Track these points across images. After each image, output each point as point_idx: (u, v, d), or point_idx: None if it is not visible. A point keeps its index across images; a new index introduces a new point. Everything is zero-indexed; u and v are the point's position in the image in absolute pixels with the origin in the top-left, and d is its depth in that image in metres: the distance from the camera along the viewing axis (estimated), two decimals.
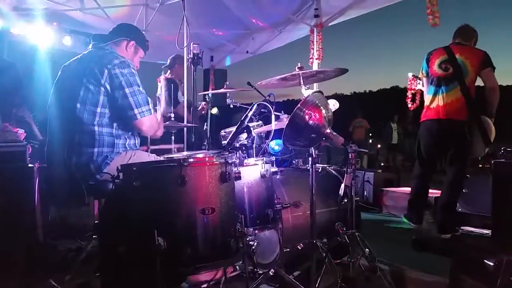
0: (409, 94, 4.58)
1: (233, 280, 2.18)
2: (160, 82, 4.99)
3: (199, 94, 4.85)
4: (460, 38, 3.91)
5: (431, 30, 4.51)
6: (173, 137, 4.09)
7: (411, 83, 4.32)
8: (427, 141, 3.85)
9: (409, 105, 4.69)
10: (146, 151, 3.62)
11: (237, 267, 2.14)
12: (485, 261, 1.91)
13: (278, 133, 2.70)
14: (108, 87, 2.38)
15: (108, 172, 2.30)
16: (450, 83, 3.73)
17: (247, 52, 7.63)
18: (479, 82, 3.75)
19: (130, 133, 2.53)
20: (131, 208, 1.93)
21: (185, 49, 5.21)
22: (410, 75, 4.29)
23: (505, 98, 4.16)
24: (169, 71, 5.16)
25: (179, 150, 4.40)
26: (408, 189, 5.14)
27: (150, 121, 2.47)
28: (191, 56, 4.67)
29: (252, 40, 7.37)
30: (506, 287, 1.81)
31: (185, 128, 5.04)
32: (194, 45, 4.71)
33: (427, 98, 3.89)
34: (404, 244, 3.36)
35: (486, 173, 3.71)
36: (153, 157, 2.56)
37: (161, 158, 2.50)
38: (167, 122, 3.79)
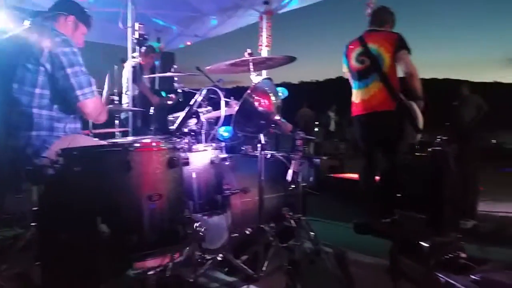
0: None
1: (181, 267, 2.16)
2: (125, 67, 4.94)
3: (145, 77, 4.69)
4: (374, 24, 3.72)
5: None
6: (117, 121, 3.94)
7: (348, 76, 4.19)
8: (359, 136, 3.80)
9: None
10: (88, 135, 3.46)
11: (185, 253, 2.13)
12: (421, 242, 2.04)
13: (227, 119, 2.69)
14: (48, 67, 2.22)
15: (47, 157, 2.17)
16: (369, 76, 3.58)
17: (196, 35, 7.48)
18: None
19: (71, 116, 2.39)
20: (72, 195, 1.84)
21: (129, 29, 5.01)
22: (344, 71, 4.09)
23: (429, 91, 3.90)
24: (137, 57, 5.00)
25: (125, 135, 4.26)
26: (351, 175, 5.38)
27: (93, 104, 2.34)
28: (136, 37, 4.50)
29: (201, 23, 7.23)
30: (439, 265, 1.95)
31: (130, 113, 4.88)
32: (139, 25, 4.54)
33: (353, 93, 3.80)
34: (347, 228, 3.50)
35: (423, 161, 3.79)
36: (96, 142, 2.45)
37: (105, 142, 2.40)
38: (111, 106, 3.64)
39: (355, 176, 5.26)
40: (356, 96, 3.74)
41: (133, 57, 4.93)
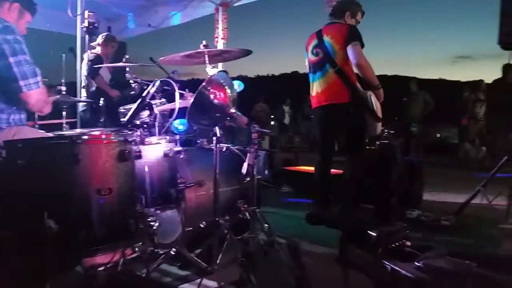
0: None
1: (132, 262, 2.12)
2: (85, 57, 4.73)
3: (94, 66, 4.52)
4: (333, 16, 3.70)
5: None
6: (64, 112, 3.76)
7: None
8: (318, 129, 3.73)
9: None
10: (34, 126, 3.29)
11: (137, 248, 2.09)
12: (369, 232, 2.12)
13: (182, 112, 2.64)
14: None
15: None
16: (323, 67, 3.55)
17: (149, 25, 7.28)
18: None
19: (15, 107, 2.26)
20: (16, 189, 1.75)
21: (78, 17, 4.80)
22: None
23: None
24: (98, 47, 4.84)
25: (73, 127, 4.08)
26: (305, 168, 5.49)
27: (37, 95, 2.22)
28: (86, 25, 4.32)
29: (154, 12, 7.04)
30: (386, 253, 2.04)
31: (79, 104, 4.69)
32: (89, 13, 4.36)
33: (310, 87, 3.76)
34: (300, 219, 3.58)
35: (371, 154, 3.87)
36: (42, 133, 2.33)
37: (51, 134, 2.29)
38: (58, 96, 3.47)
39: (309, 169, 5.39)
40: (312, 88, 3.72)
41: (92, 47, 4.76)
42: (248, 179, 2.70)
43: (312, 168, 5.28)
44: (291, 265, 2.42)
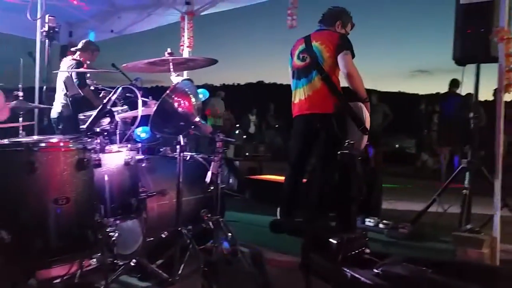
0: None
1: (91, 273, 2.05)
2: (64, 62, 4.72)
3: (54, 72, 4.39)
4: (322, 24, 3.60)
5: (294, 31, 4.31)
6: (21, 118, 3.61)
7: None
8: (295, 138, 3.61)
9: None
10: None
11: (95, 259, 2.03)
12: (330, 240, 2.17)
13: (145, 120, 2.61)
14: None
15: None
16: (309, 74, 3.41)
17: (112, 31, 7.14)
18: None
19: None
20: None
21: (38, 21, 4.65)
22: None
23: None
24: (79, 53, 4.77)
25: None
26: (269, 177, 5.52)
27: None
28: (46, 30, 4.19)
29: (118, 19, 6.92)
30: (346, 261, 2.08)
31: (36, 110, 4.53)
32: (50, 17, 4.24)
33: (293, 94, 3.60)
34: (264, 227, 3.59)
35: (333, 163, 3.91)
36: None
37: (5, 141, 2.19)
38: (14, 102, 3.34)
39: (273, 177, 5.44)
40: (295, 95, 3.56)
41: (72, 53, 4.72)
42: (212, 188, 2.70)
43: (276, 177, 5.35)
44: (254, 274, 2.42)
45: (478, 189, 3.35)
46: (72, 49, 4.78)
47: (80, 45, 4.83)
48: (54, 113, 4.64)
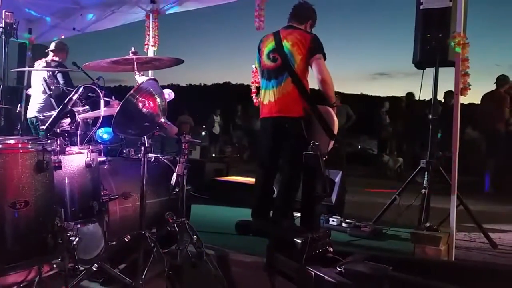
0: (253, 88, 4.10)
1: (50, 280, 1.99)
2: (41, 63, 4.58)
3: (12, 70, 4.21)
4: (294, 20, 3.47)
5: (262, 33, 4.28)
6: None
7: (255, 75, 3.95)
8: (263, 141, 3.56)
9: (254, 100, 4.11)
10: None
11: (55, 265, 1.97)
12: (295, 239, 2.20)
13: (107, 120, 2.55)
14: None
15: None
16: (280, 76, 3.33)
17: (74, 29, 6.92)
18: None
19: None
20: None
21: None
22: (254, 67, 3.88)
23: None
24: (53, 54, 4.72)
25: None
26: (235, 178, 5.53)
27: None
28: (2, 26, 4.02)
29: (80, 16, 6.72)
30: (310, 260, 2.12)
31: (30, 110, 4.39)
32: (7, 13, 4.08)
33: (261, 94, 3.52)
34: (230, 229, 3.59)
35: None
36: None
37: None
38: None
39: (239, 179, 5.44)
40: (264, 96, 3.48)
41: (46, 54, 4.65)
42: (177, 190, 2.67)
43: (243, 178, 5.36)
44: (220, 276, 2.41)
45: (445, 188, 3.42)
46: (46, 50, 4.75)
47: (54, 47, 4.79)
48: (31, 113, 4.61)
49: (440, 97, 6.65)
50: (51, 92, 3.61)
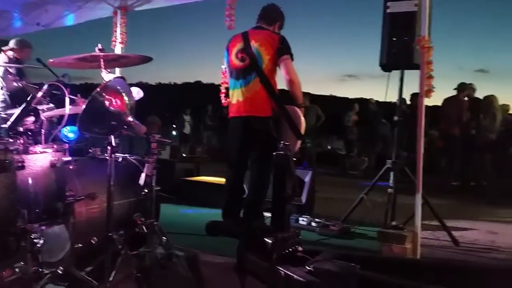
0: (222, 88, 4.06)
1: (12, 284, 1.91)
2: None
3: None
4: (262, 21, 3.53)
5: (233, 32, 4.01)
6: None
7: (224, 76, 3.95)
8: (232, 140, 3.57)
9: (223, 101, 4.05)
10: None
11: (17, 269, 1.90)
12: (265, 239, 2.21)
13: (72, 119, 2.47)
14: None
15: None
16: (248, 75, 3.37)
17: (38, 24, 6.68)
18: None
19: None
20: None
21: None
22: (223, 67, 3.89)
23: None
24: (12, 52, 4.54)
25: None
26: (206, 179, 5.49)
27: None
28: None
29: (45, 11, 6.49)
30: (280, 259, 2.14)
31: None
32: None
33: (230, 93, 3.56)
34: (200, 230, 3.56)
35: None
36: None
37: None
38: None
39: (210, 179, 5.41)
40: (232, 96, 3.51)
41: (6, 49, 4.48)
42: (146, 190, 2.63)
43: (213, 179, 5.34)
44: (189, 278, 2.39)
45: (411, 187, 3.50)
46: (3, 48, 4.53)
47: (11, 44, 4.61)
48: None
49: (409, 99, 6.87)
50: (7, 90, 3.51)
